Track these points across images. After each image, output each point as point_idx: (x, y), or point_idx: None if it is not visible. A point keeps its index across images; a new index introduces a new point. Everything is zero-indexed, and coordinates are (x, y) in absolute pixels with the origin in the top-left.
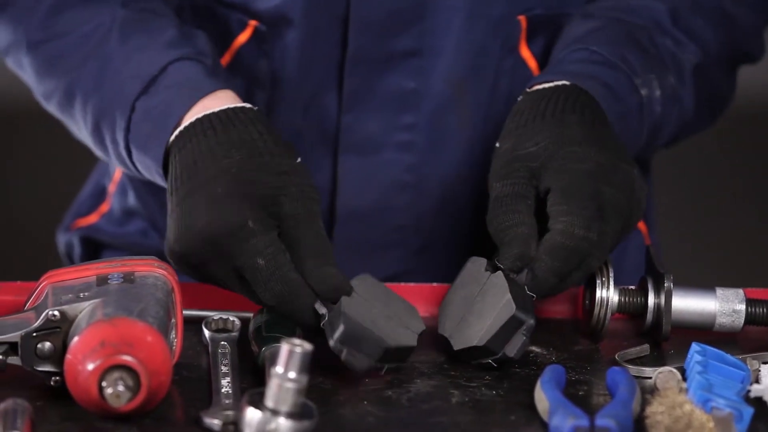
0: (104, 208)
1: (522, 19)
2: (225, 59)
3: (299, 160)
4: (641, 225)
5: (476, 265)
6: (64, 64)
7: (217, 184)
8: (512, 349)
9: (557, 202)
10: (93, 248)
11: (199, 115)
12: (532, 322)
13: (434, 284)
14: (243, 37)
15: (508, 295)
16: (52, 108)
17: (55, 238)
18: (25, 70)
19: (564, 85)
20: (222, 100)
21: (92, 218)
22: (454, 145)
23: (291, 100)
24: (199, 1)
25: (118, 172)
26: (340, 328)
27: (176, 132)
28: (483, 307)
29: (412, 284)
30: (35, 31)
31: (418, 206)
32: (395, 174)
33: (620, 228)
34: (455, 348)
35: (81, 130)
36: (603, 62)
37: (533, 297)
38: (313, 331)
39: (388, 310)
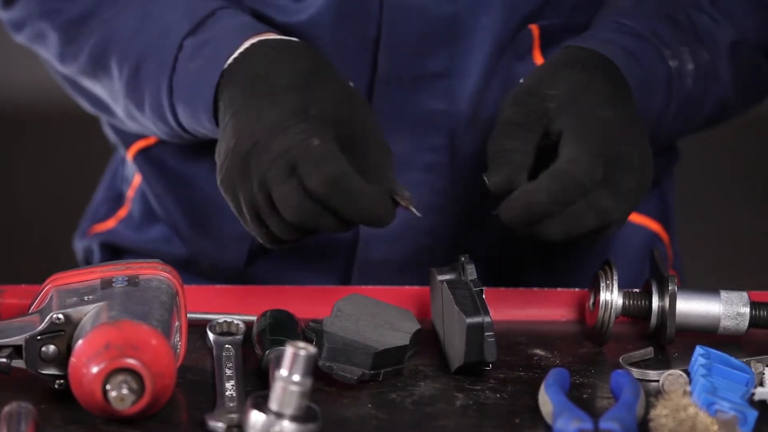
0: (122, 213)
1: (534, 28)
2: None
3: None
4: (663, 234)
5: (433, 276)
6: (95, 19)
7: (282, 77)
8: (489, 354)
9: (567, 142)
10: (113, 254)
11: (255, 40)
12: (488, 319)
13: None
14: None
15: (456, 308)
16: (74, 69)
17: (72, 244)
18: (45, 40)
19: (591, 50)
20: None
21: (110, 223)
22: (476, 164)
23: None
24: None
25: (137, 178)
26: (325, 347)
27: (231, 59)
28: (450, 323)
29: (416, 287)
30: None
31: (443, 227)
32: (422, 195)
33: (628, 188)
34: (452, 371)
35: (114, 83)
36: (631, 33)
37: (482, 290)
38: (381, 220)
39: (377, 319)
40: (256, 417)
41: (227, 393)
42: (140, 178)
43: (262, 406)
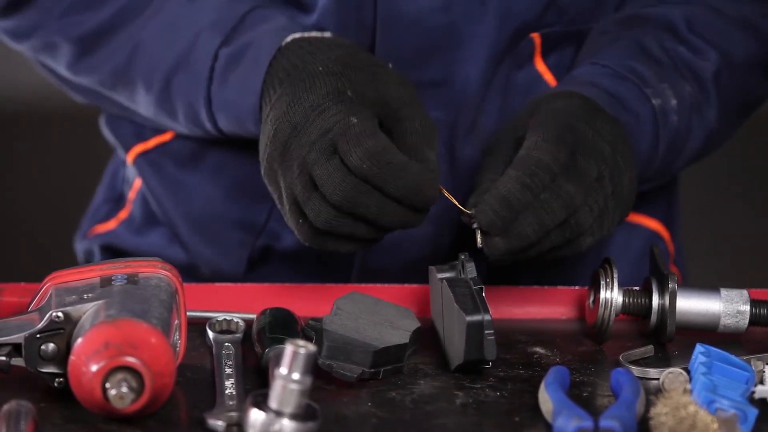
0: (123, 214)
1: (535, 36)
2: None
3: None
4: (664, 232)
5: (433, 274)
6: (116, 32)
7: (318, 65)
8: (489, 353)
9: (529, 135)
10: (113, 257)
11: (290, 39)
12: (488, 317)
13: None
14: None
15: (456, 306)
16: (88, 81)
17: (72, 244)
18: (55, 51)
19: (572, 92)
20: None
21: (110, 224)
22: (471, 172)
23: None
24: None
25: (138, 180)
26: (324, 345)
27: (272, 59)
28: (450, 321)
29: (415, 285)
30: (74, 15)
31: (443, 237)
32: None
33: (598, 174)
34: (452, 369)
35: (137, 95)
36: (611, 74)
37: (482, 288)
38: (425, 194)
39: (377, 317)
40: (255, 415)
41: (227, 391)
42: (141, 181)
43: (261, 404)
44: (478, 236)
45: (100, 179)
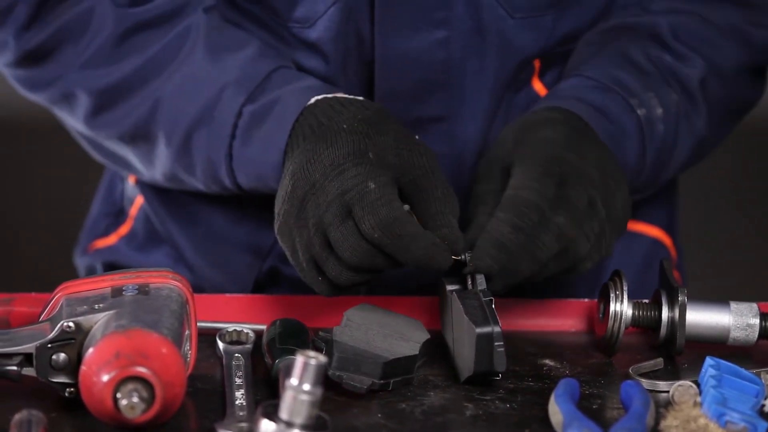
0: (124, 230)
1: (535, 61)
2: None
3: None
4: (665, 238)
5: (442, 286)
6: (139, 86)
7: (342, 122)
8: (498, 364)
9: (515, 171)
10: None
11: (320, 97)
12: (497, 329)
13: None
14: None
15: (465, 318)
16: (105, 134)
17: (73, 259)
18: (73, 103)
19: (558, 108)
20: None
21: (111, 239)
22: None
23: None
24: None
25: (140, 197)
26: (335, 356)
27: (298, 116)
28: (460, 333)
29: (425, 297)
30: (94, 68)
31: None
32: None
33: (589, 200)
34: (462, 380)
35: (157, 149)
36: (595, 86)
37: (491, 300)
38: (434, 266)
39: (387, 329)
40: (266, 426)
41: (237, 402)
42: (143, 198)
43: (272, 415)
44: (469, 280)
45: (96, 192)
